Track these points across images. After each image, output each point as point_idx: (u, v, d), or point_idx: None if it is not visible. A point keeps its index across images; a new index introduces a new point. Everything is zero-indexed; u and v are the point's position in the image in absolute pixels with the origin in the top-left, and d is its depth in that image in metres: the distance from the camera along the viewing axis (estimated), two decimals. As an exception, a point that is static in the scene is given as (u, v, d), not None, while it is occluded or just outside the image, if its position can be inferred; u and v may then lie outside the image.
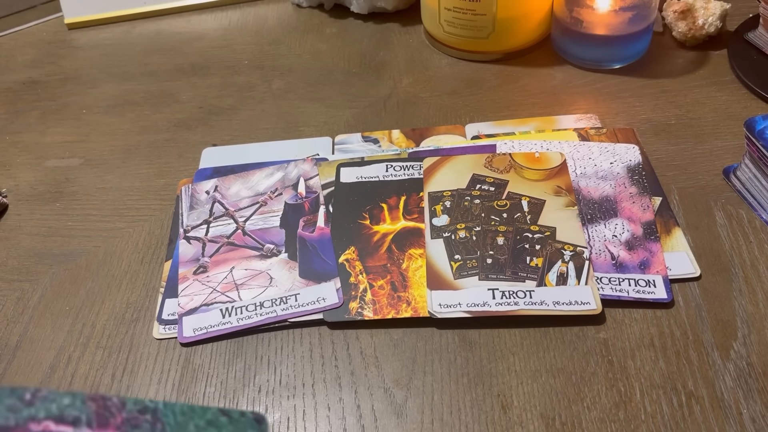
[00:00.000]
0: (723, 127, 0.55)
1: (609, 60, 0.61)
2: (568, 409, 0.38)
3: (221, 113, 0.61)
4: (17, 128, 0.62)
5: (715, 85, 0.59)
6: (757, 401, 0.38)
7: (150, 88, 0.65)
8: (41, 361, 0.43)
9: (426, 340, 0.42)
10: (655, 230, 0.46)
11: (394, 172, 0.52)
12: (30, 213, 0.53)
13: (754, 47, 0.60)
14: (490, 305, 0.42)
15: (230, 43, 0.70)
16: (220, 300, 0.45)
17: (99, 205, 0.53)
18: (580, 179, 0.50)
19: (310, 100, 0.62)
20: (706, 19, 0.61)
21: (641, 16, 0.58)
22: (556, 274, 0.44)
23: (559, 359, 0.41)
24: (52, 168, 0.57)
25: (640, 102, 0.58)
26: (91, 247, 0.50)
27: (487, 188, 0.50)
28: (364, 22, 0.71)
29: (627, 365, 0.40)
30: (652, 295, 0.43)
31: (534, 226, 0.47)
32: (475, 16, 0.61)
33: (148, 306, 0.46)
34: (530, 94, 0.60)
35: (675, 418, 0.38)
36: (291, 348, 0.43)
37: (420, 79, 0.63)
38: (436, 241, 0.46)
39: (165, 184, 0.54)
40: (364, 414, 0.39)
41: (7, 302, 0.47)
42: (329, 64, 0.66)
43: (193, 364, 0.42)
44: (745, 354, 0.40)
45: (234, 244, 0.48)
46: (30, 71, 0.69)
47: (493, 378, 0.40)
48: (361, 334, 0.43)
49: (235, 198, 0.51)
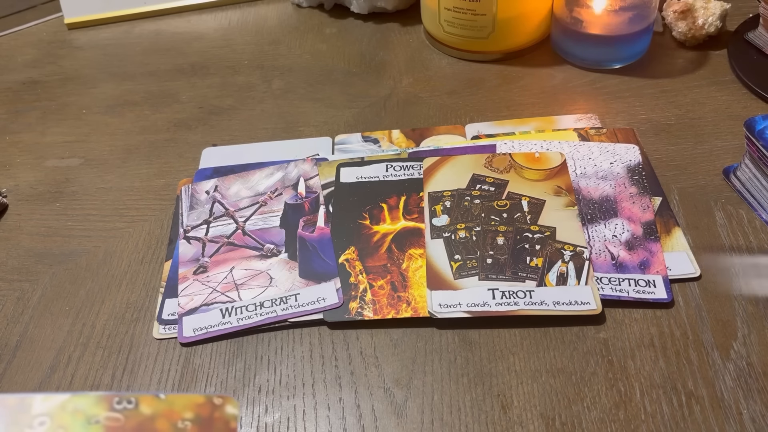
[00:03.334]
0: (723, 127, 0.55)
1: (609, 60, 0.61)
2: (568, 409, 0.38)
3: (221, 113, 0.61)
4: (17, 128, 0.62)
5: (715, 85, 0.59)
6: (757, 401, 0.38)
7: (150, 88, 0.65)
8: (41, 361, 0.43)
9: (426, 340, 0.42)
10: (655, 230, 0.46)
11: (394, 172, 0.52)
12: (30, 213, 0.53)
13: (754, 47, 0.60)
14: (490, 305, 0.42)
15: (230, 43, 0.70)
16: (220, 300, 0.45)
17: (99, 205, 0.53)
18: (580, 179, 0.50)
19: (310, 100, 0.62)
20: (706, 19, 0.61)
21: (641, 16, 0.58)
22: (556, 274, 0.44)
23: (559, 359, 0.41)
24: (52, 168, 0.57)
25: (640, 102, 0.58)
26: (91, 247, 0.50)
27: (487, 188, 0.50)
28: (364, 22, 0.71)
29: (627, 365, 0.40)
30: (652, 295, 0.43)
31: (534, 226, 0.47)
32: (475, 16, 0.61)
33: (148, 306, 0.46)
34: (530, 94, 0.60)
35: (675, 418, 0.38)
36: (291, 348, 0.43)
37: (420, 79, 0.63)
38: (436, 241, 0.46)
39: (165, 184, 0.54)
40: (364, 414, 0.39)
41: (7, 302, 0.47)
42: (329, 64, 0.66)
43: (193, 364, 0.42)
44: (745, 354, 0.40)
45: (234, 244, 0.48)
46: (30, 71, 0.69)
47: (493, 378, 0.40)
48: (361, 334, 0.43)
49: (235, 198, 0.51)
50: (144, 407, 0.26)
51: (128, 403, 0.26)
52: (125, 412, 0.26)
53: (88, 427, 0.25)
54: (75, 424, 0.25)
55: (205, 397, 0.27)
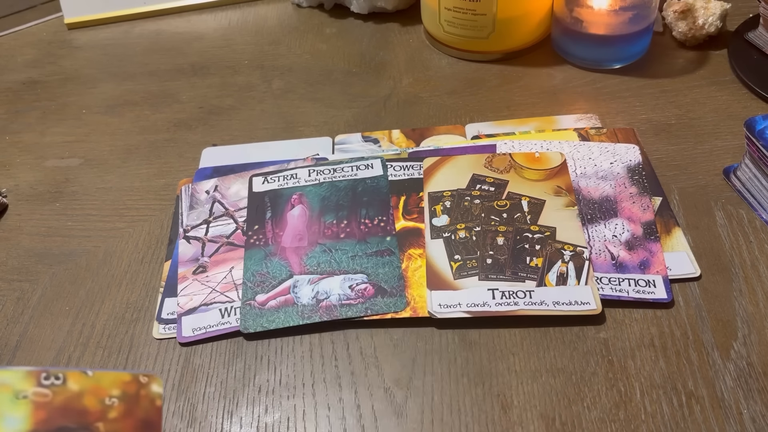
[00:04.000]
0: (723, 127, 0.55)
1: (609, 60, 0.61)
2: (568, 409, 0.38)
3: (221, 113, 0.61)
4: (17, 128, 0.62)
5: (715, 85, 0.59)
6: (757, 401, 0.38)
7: (150, 88, 0.65)
8: (41, 361, 0.43)
9: (426, 340, 0.42)
10: (655, 230, 0.46)
11: (394, 172, 0.52)
12: (30, 213, 0.53)
13: (754, 47, 0.60)
14: (490, 305, 0.42)
15: (230, 43, 0.70)
16: (220, 300, 0.45)
17: (99, 205, 0.53)
18: (580, 179, 0.50)
19: (310, 100, 0.62)
20: (706, 19, 0.61)
21: (641, 16, 0.58)
22: (556, 274, 0.44)
23: (559, 359, 0.41)
24: (52, 168, 0.57)
25: (640, 102, 0.58)
26: (91, 247, 0.50)
27: (487, 188, 0.50)
28: (364, 22, 0.71)
29: (627, 365, 0.40)
30: (652, 295, 0.43)
31: (534, 226, 0.47)
32: (475, 16, 0.61)
33: (147, 306, 0.46)
34: (530, 94, 0.60)
35: (675, 418, 0.38)
36: (291, 348, 0.43)
37: (420, 79, 0.63)
38: (435, 241, 0.46)
39: (165, 184, 0.54)
40: (364, 414, 0.39)
41: (7, 302, 0.47)
42: (329, 64, 0.66)
43: (193, 364, 0.42)
44: (745, 354, 0.40)
45: (234, 244, 0.48)
46: (30, 71, 0.69)
47: (493, 378, 0.40)
48: (361, 334, 0.43)
49: (235, 198, 0.51)
50: (72, 383, 0.26)
51: (56, 379, 0.26)
52: (53, 387, 0.26)
53: (16, 402, 0.25)
54: (2, 398, 0.25)
55: (132, 375, 0.27)
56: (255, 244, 0.47)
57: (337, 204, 0.49)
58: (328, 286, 0.44)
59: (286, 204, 0.49)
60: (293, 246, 0.47)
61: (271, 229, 0.48)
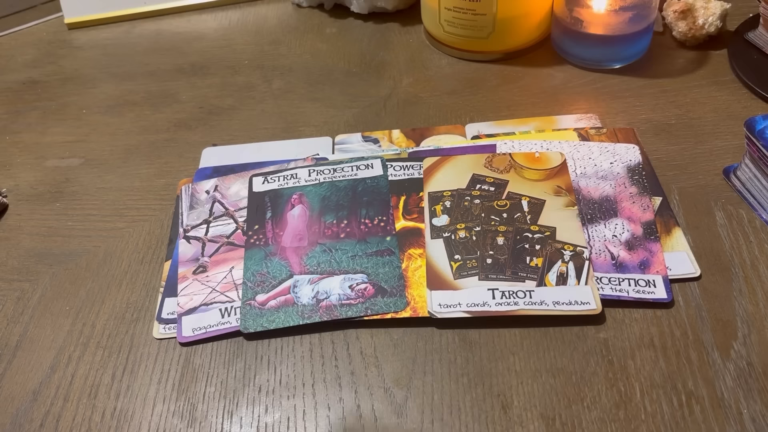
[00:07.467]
0: (723, 127, 0.55)
1: (609, 60, 0.61)
2: (568, 409, 0.38)
3: (221, 113, 0.61)
4: (17, 128, 0.62)
5: (715, 85, 0.59)
6: (757, 401, 0.38)
7: (150, 88, 0.65)
8: (41, 361, 0.43)
9: (426, 340, 0.42)
10: (655, 230, 0.46)
11: (394, 172, 0.52)
12: (30, 213, 0.53)
13: (754, 47, 0.60)
14: (490, 305, 0.42)
15: (230, 43, 0.70)
16: (220, 300, 0.45)
17: (99, 205, 0.53)
18: (580, 179, 0.50)
19: (310, 100, 0.62)
20: (706, 18, 0.61)
21: (641, 16, 0.58)
22: (556, 274, 0.44)
23: (559, 359, 0.41)
24: (52, 168, 0.57)
25: (640, 102, 0.58)
26: (91, 247, 0.50)
27: (487, 188, 0.50)
28: (364, 22, 0.71)
29: (627, 365, 0.40)
30: (652, 295, 0.43)
31: (534, 226, 0.47)
32: (475, 16, 0.61)
33: (148, 306, 0.46)
34: (530, 94, 0.60)
35: (675, 417, 0.38)
36: (291, 348, 0.43)
37: (420, 79, 0.63)
38: (436, 241, 0.46)
39: (165, 184, 0.54)
40: (364, 414, 0.39)
41: (7, 302, 0.47)
42: (329, 64, 0.66)
43: (193, 364, 0.42)
44: (745, 354, 0.40)
45: (234, 243, 0.48)
46: (30, 71, 0.69)
47: (493, 378, 0.40)
48: (361, 334, 0.43)
49: (235, 198, 0.51)
50: None
51: None
52: None
53: None
54: None
55: None
56: (255, 244, 0.47)
57: (337, 204, 0.49)
58: (328, 286, 0.44)
59: (287, 204, 0.50)
60: (293, 246, 0.47)
61: (271, 229, 0.48)
